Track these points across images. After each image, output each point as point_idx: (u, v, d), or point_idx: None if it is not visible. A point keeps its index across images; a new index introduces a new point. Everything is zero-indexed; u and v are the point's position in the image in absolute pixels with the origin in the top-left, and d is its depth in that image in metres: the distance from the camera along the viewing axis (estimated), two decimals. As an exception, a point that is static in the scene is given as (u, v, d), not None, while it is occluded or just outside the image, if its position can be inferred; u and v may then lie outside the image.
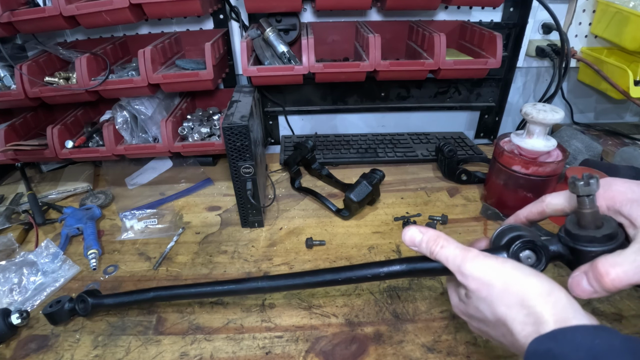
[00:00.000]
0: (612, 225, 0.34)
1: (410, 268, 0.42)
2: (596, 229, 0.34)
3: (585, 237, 0.34)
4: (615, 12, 0.84)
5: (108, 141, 0.79)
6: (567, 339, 0.28)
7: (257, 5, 0.77)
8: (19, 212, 0.78)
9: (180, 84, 0.76)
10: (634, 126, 1.06)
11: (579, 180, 0.33)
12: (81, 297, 0.54)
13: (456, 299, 0.40)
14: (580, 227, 0.35)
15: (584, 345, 0.27)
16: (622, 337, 0.28)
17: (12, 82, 0.78)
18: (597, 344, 0.27)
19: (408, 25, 0.92)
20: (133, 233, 0.73)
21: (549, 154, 0.68)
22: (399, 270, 0.43)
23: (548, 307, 0.30)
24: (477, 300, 0.35)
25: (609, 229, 0.34)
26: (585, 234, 0.34)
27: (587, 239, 0.34)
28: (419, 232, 0.40)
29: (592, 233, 0.34)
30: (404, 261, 0.43)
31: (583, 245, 0.34)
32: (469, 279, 0.35)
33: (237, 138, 0.63)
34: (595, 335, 0.28)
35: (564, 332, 0.29)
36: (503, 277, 0.33)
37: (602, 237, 0.33)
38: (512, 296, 0.32)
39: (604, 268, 0.31)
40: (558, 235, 0.37)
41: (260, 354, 0.50)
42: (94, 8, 0.67)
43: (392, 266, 0.43)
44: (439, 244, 0.38)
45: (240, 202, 0.70)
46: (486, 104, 1.04)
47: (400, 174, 0.91)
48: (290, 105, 1.02)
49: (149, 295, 0.54)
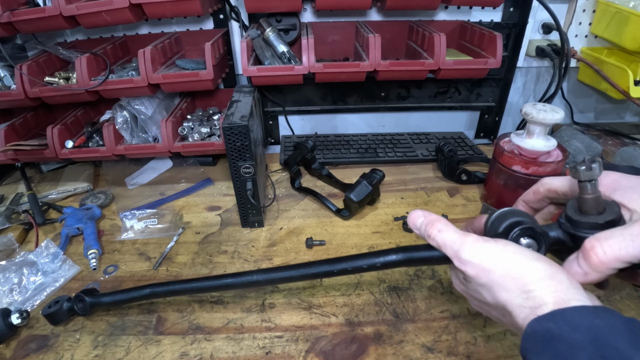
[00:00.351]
0: (614, 210, 0.32)
1: (406, 257, 0.41)
2: (598, 214, 0.32)
3: (586, 224, 0.32)
4: (615, 12, 0.84)
5: (108, 141, 0.79)
6: (565, 319, 0.28)
7: (257, 5, 0.77)
8: (19, 212, 0.78)
9: (180, 84, 0.76)
10: (634, 126, 1.06)
11: (580, 165, 0.31)
12: (79, 296, 0.54)
13: (457, 280, 0.40)
14: (582, 212, 0.33)
15: (584, 325, 0.27)
16: (623, 318, 0.27)
17: (12, 82, 0.78)
18: (597, 324, 0.27)
19: (408, 25, 0.92)
20: (133, 233, 0.73)
21: (549, 154, 0.68)
22: (395, 260, 0.41)
23: (549, 290, 0.30)
24: (476, 285, 0.35)
25: (611, 214, 0.31)
26: (586, 220, 0.32)
27: (589, 225, 0.32)
28: (421, 214, 0.39)
29: (594, 219, 0.32)
30: (400, 250, 0.42)
31: (584, 232, 0.32)
32: (468, 265, 0.34)
33: (237, 138, 0.63)
34: (595, 315, 0.27)
35: (562, 312, 0.28)
36: (504, 262, 0.32)
37: (604, 224, 0.31)
38: (513, 281, 0.31)
39: (590, 243, 0.31)
40: (558, 221, 0.35)
41: (261, 354, 0.50)
42: (94, 8, 0.67)
43: (389, 256, 0.42)
44: (437, 227, 0.37)
45: (240, 202, 0.70)
46: (486, 104, 1.04)
47: (401, 174, 0.91)
48: (290, 105, 1.02)
49: (145, 292, 0.53)
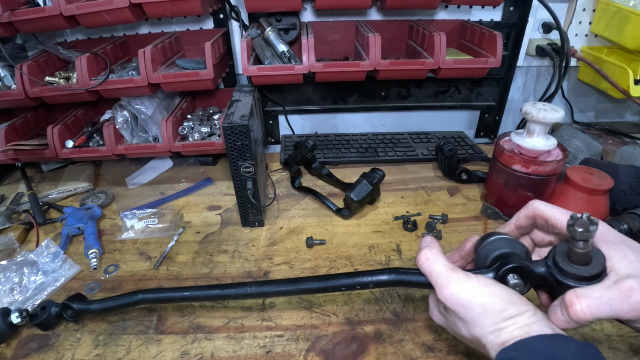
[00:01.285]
0: (600, 262, 0.34)
1: (398, 279, 0.44)
2: (584, 265, 0.34)
3: (572, 274, 0.34)
4: (616, 11, 0.84)
5: (108, 141, 0.79)
6: (526, 347, 0.32)
7: (257, 4, 0.77)
8: (20, 212, 0.78)
9: (181, 84, 0.76)
10: (634, 125, 1.06)
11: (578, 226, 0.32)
12: (65, 304, 0.53)
13: (436, 310, 0.43)
14: (569, 261, 0.35)
15: (540, 351, 0.31)
16: (578, 343, 0.31)
17: (12, 81, 0.78)
18: (552, 349, 0.31)
19: (408, 24, 0.92)
20: (133, 232, 0.73)
21: (549, 153, 0.68)
22: (387, 280, 0.45)
23: (516, 326, 0.33)
24: (455, 318, 0.38)
25: (596, 267, 0.33)
26: (573, 271, 0.34)
27: (574, 276, 0.34)
28: (425, 240, 0.43)
29: (580, 271, 0.34)
30: (392, 272, 0.45)
31: (568, 280, 0.34)
32: (449, 300, 0.37)
33: (238, 137, 0.63)
34: (551, 342, 0.31)
35: (523, 342, 0.32)
36: (482, 301, 0.35)
37: (588, 277, 0.33)
38: (488, 320, 0.35)
39: (570, 298, 0.33)
40: (546, 261, 0.37)
41: (261, 353, 0.50)
42: (94, 8, 0.67)
43: (381, 276, 0.45)
44: (425, 256, 0.40)
45: (241, 201, 0.70)
46: (486, 103, 1.04)
47: (401, 173, 0.91)
48: (291, 104, 1.02)
49: (137, 297, 0.53)
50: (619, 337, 0.51)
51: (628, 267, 0.32)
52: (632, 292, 0.31)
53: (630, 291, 0.31)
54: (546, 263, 0.37)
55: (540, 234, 0.43)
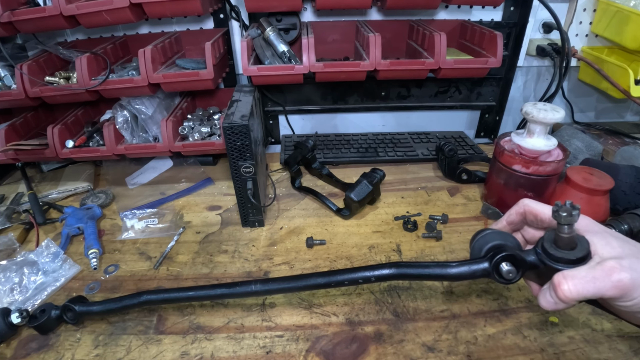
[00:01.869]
0: (584, 247, 0.37)
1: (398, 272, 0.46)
2: (570, 249, 0.37)
3: (559, 258, 0.37)
4: (616, 11, 0.84)
5: (108, 141, 0.79)
6: None
7: (257, 4, 0.77)
8: (20, 212, 0.78)
9: (181, 84, 0.76)
10: (634, 125, 1.06)
11: (562, 210, 0.36)
12: (67, 306, 0.53)
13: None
14: (557, 246, 0.38)
15: None
16: None
17: (12, 81, 0.78)
18: None
19: (408, 24, 0.92)
20: (134, 232, 0.73)
21: (550, 153, 0.68)
22: (389, 274, 0.46)
23: None
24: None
25: (581, 251, 0.37)
26: (560, 255, 0.37)
27: (561, 259, 0.37)
28: None
29: (566, 255, 0.37)
30: (392, 266, 0.46)
31: (556, 264, 0.37)
32: None
33: (238, 137, 0.63)
34: None
35: None
36: None
37: (575, 260, 0.36)
38: None
39: (558, 279, 0.35)
40: (535, 249, 0.40)
41: (261, 353, 0.50)
42: (94, 8, 0.67)
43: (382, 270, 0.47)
44: None
45: (241, 201, 0.70)
46: (486, 103, 1.04)
47: (401, 173, 0.91)
48: (291, 104, 1.02)
49: (142, 299, 0.53)
50: (619, 337, 0.51)
51: (610, 250, 0.35)
52: (613, 271, 0.33)
53: (611, 270, 0.34)
54: (535, 250, 0.40)
55: (530, 230, 0.45)
